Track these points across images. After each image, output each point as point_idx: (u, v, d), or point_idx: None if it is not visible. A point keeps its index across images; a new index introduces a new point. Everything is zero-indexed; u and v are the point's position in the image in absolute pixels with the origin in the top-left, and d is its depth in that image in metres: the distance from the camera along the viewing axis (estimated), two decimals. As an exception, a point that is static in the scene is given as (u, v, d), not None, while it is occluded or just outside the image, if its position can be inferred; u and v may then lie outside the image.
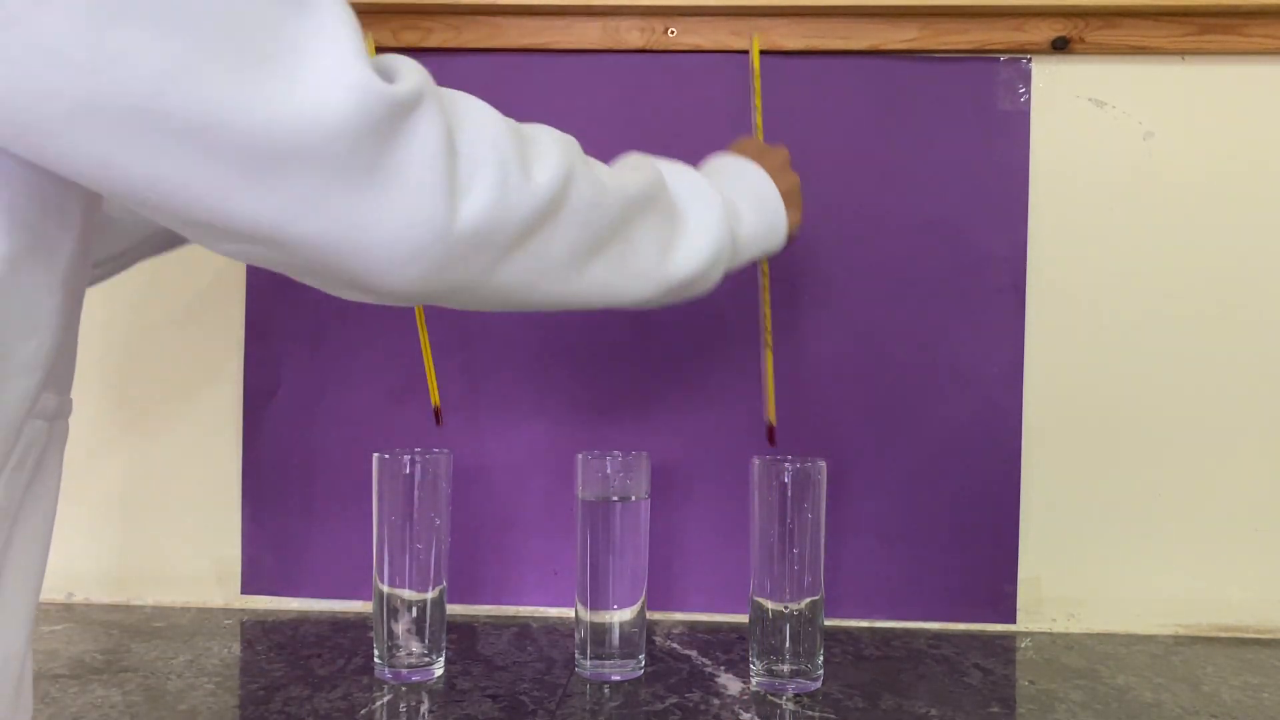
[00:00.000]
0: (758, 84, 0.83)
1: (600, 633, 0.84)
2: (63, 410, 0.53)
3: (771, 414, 0.83)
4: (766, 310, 0.84)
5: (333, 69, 0.43)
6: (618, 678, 0.83)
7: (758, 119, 0.84)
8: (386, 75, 0.47)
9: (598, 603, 0.84)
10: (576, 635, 0.85)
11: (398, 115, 0.45)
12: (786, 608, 0.81)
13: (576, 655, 0.85)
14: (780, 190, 0.76)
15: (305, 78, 0.42)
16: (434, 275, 0.49)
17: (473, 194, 0.49)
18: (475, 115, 0.51)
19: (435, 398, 0.83)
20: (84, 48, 0.38)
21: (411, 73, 0.48)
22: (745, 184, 0.76)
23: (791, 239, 0.79)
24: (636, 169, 0.66)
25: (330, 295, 0.52)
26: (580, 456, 0.86)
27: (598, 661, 0.83)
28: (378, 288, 0.48)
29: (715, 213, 0.69)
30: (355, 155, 0.44)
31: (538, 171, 0.53)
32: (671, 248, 0.66)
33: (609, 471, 0.84)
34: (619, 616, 0.84)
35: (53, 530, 0.53)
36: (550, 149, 0.55)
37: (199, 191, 0.43)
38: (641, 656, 0.85)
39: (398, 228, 0.46)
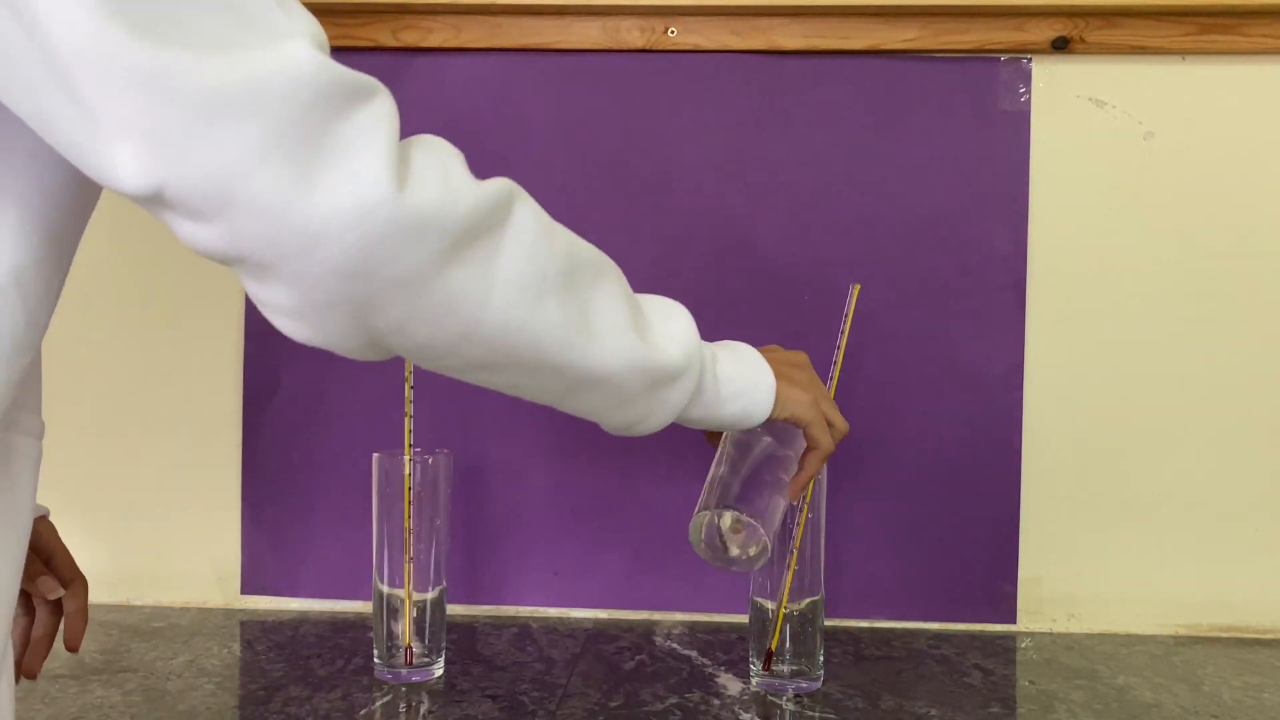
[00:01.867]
0: (847, 326, 0.83)
1: None
2: (23, 427, 0.53)
3: (774, 640, 0.80)
4: (803, 518, 0.80)
5: (300, 46, 0.44)
6: None
7: (839, 355, 0.83)
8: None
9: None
10: None
11: (359, 93, 0.46)
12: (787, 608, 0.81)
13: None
14: (771, 364, 0.71)
15: (273, 47, 0.44)
16: (376, 250, 0.47)
17: (419, 177, 0.48)
18: (422, 134, 0.53)
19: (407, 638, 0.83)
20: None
21: (376, 80, 0.49)
22: (726, 344, 0.72)
23: (799, 422, 0.73)
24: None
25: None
26: None
27: None
28: (318, 261, 0.46)
29: (685, 321, 0.66)
30: (310, 116, 0.44)
31: (484, 182, 0.53)
32: (645, 328, 0.63)
33: None
34: None
35: (20, 549, 0.53)
36: (494, 179, 0.54)
37: (165, 142, 0.43)
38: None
39: (344, 189, 0.45)
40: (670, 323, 0.65)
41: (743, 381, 0.70)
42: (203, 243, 0.46)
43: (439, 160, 0.51)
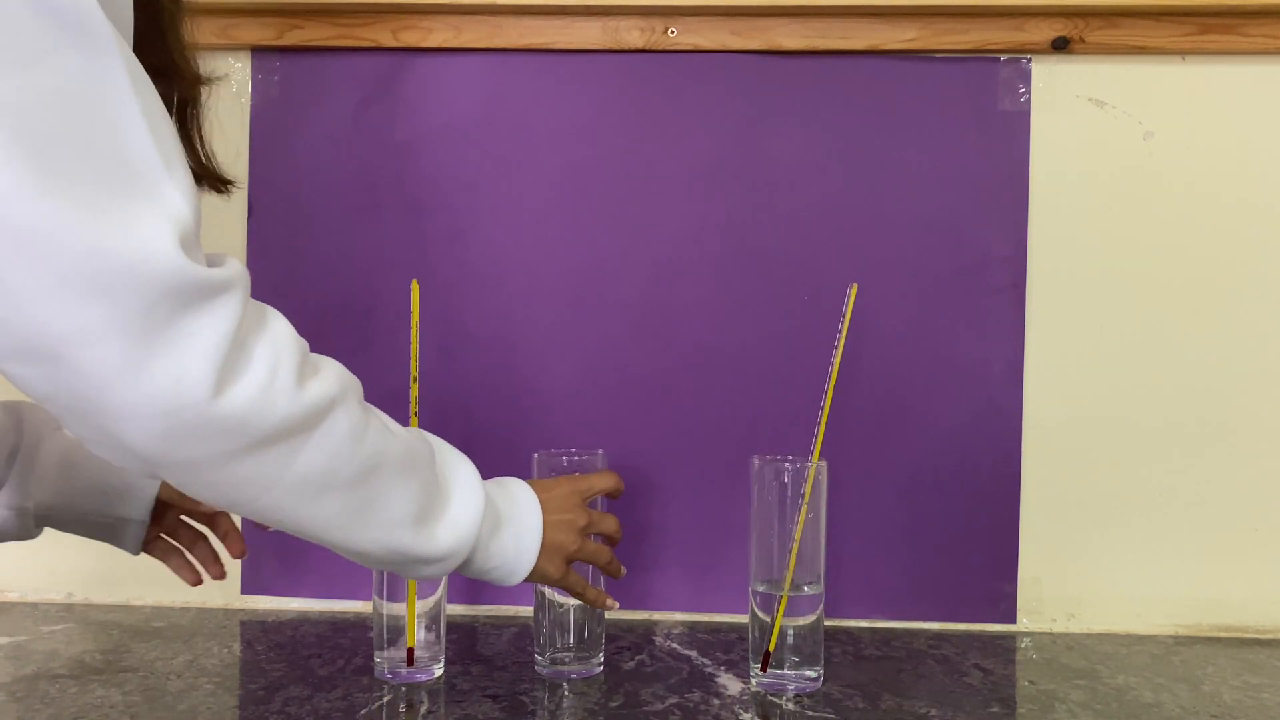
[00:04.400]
0: (845, 326, 0.83)
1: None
2: None
3: (773, 641, 0.80)
4: (802, 516, 0.80)
5: (165, 237, 0.49)
6: (575, 675, 0.83)
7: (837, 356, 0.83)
8: (213, 262, 0.53)
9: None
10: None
11: (207, 292, 0.51)
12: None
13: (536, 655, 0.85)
14: (545, 539, 0.74)
15: (142, 231, 0.48)
16: (175, 441, 0.51)
17: (241, 382, 0.52)
18: (271, 322, 0.56)
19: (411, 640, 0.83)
20: None
21: (232, 266, 0.53)
22: (517, 509, 0.74)
23: (545, 581, 0.77)
24: (413, 435, 0.68)
25: (329, 297, 0.52)
26: (536, 455, 0.85)
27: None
28: (119, 433, 0.51)
29: (474, 506, 0.69)
30: (156, 308, 0.49)
31: (311, 386, 0.57)
32: (429, 518, 0.66)
33: (565, 467, 0.84)
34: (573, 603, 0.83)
35: None
36: (330, 376, 0.59)
37: (17, 293, 0.47)
38: (601, 654, 0.85)
39: (163, 383, 0.49)
40: (461, 508, 0.68)
41: (505, 568, 0.73)
42: (23, 381, 0.49)
43: (272, 361, 0.54)
